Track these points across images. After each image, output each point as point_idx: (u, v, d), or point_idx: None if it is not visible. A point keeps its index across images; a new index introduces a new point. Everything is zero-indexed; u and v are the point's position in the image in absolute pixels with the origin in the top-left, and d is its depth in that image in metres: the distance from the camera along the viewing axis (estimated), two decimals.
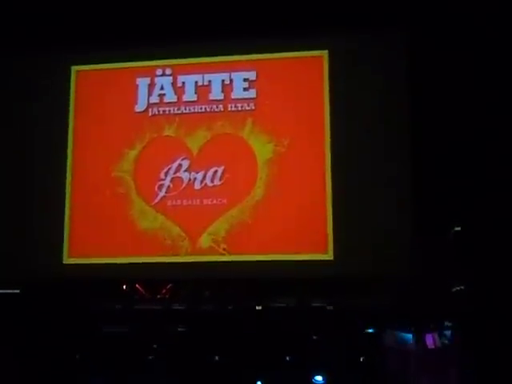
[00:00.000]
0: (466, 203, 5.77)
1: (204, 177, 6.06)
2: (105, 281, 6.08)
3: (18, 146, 6.33)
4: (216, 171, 6.06)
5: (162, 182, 6.11)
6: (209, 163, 6.09)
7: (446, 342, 5.52)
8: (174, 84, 6.25)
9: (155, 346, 5.96)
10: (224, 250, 5.97)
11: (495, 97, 5.77)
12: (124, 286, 6.24)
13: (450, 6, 5.82)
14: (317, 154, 5.95)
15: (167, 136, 6.20)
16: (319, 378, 5.69)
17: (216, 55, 6.22)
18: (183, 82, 6.23)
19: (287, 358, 5.79)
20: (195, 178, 6.08)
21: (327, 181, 5.90)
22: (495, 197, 5.70)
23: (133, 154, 6.20)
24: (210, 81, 6.19)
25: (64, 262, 6.10)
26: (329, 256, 5.83)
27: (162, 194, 6.10)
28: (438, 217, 5.77)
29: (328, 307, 5.95)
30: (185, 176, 6.09)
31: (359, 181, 5.85)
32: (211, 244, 5.98)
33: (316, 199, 5.90)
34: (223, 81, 6.17)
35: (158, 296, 6.20)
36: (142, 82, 6.28)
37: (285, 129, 6.05)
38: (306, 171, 5.96)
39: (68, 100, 6.31)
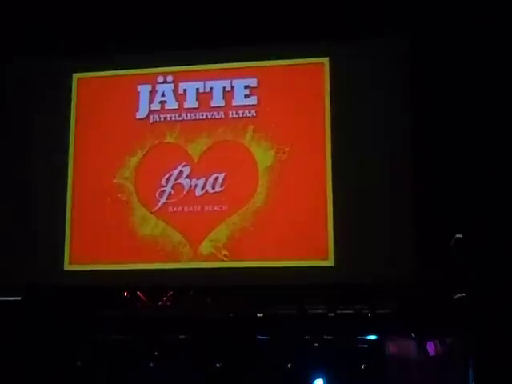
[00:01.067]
0: (467, 210, 5.76)
1: (205, 183, 6.05)
2: (106, 288, 6.07)
3: (19, 153, 6.33)
4: (217, 178, 6.05)
5: (163, 189, 6.10)
6: (210, 170, 6.08)
7: (447, 349, 5.52)
8: (175, 91, 6.24)
9: (156, 352, 5.96)
10: (225, 256, 5.95)
11: (498, 101, 5.76)
12: (125, 293, 6.24)
13: (451, 10, 5.82)
14: (317, 160, 5.94)
15: (168, 143, 6.19)
16: None
17: (217, 62, 6.22)
18: (184, 89, 6.23)
19: (288, 365, 5.79)
20: (196, 185, 6.07)
21: (328, 187, 5.88)
22: (497, 204, 5.69)
23: (134, 160, 6.20)
24: (211, 88, 6.19)
25: (65, 269, 6.07)
26: (330, 262, 5.80)
27: (162, 200, 6.09)
28: (440, 223, 5.76)
29: (329, 314, 5.95)
30: (186, 183, 6.08)
31: (360, 187, 5.84)
32: (212, 250, 5.97)
33: (317, 206, 5.89)
34: (224, 88, 6.17)
35: (159, 303, 6.20)
36: (143, 89, 6.28)
37: (286, 136, 6.04)
38: (306, 178, 5.95)
39: (69, 107, 6.30)
